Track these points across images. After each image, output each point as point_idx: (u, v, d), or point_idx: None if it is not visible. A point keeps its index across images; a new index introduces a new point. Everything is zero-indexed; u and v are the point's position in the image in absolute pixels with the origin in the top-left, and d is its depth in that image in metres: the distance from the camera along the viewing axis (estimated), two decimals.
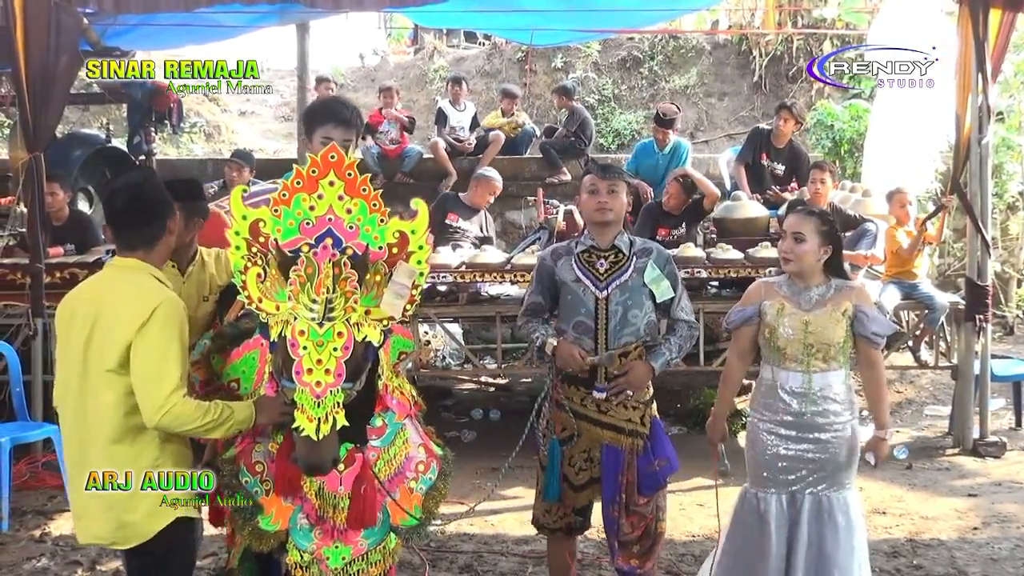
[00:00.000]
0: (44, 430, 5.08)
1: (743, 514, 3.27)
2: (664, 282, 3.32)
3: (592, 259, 3.32)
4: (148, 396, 2.52)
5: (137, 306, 2.56)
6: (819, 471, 3.17)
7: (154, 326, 2.54)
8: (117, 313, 2.57)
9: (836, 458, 3.16)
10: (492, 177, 6.67)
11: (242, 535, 2.77)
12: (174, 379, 2.53)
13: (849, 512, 3.17)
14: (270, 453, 2.70)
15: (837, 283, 3.23)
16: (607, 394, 3.27)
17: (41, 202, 5.50)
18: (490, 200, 6.61)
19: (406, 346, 2.89)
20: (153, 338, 2.54)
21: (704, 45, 12.68)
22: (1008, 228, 8.82)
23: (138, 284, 2.65)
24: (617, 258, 3.32)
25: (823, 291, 3.20)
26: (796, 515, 3.17)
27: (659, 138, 7.45)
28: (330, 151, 2.45)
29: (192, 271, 3.25)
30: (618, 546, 3.36)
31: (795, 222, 3.21)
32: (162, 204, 2.75)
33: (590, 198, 3.31)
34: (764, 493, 3.21)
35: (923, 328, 5.98)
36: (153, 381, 2.52)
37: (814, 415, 3.16)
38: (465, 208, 6.52)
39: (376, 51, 14.98)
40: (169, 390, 2.51)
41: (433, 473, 2.86)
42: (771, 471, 3.20)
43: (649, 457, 3.30)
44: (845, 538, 3.13)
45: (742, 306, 3.30)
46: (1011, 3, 5.51)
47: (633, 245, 3.37)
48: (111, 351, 2.55)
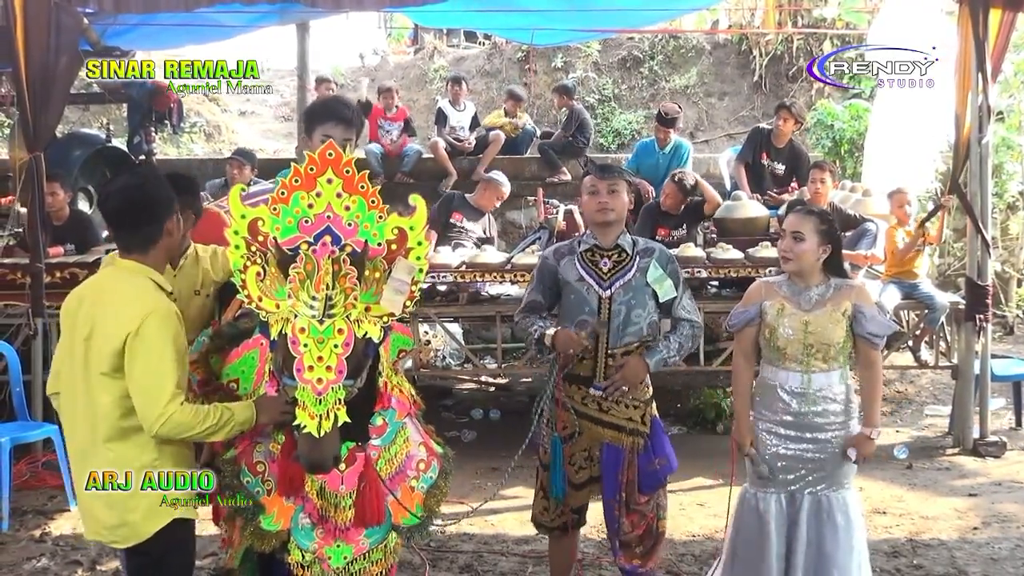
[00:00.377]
0: (44, 430, 5.08)
1: (743, 514, 3.27)
2: (667, 281, 3.32)
3: (595, 258, 3.33)
4: (146, 406, 2.51)
5: (128, 312, 2.54)
6: (818, 471, 3.17)
7: (146, 334, 2.52)
8: (109, 317, 2.57)
9: (835, 458, 3.17)
10: (501, 182, 6.71)
11: (244, 535, 2.76)
12: (170, 387, 2.52)
13: (848, 512, 3.17)
14: (271, 453, 2.70)
15: (837, 282, 3.23)
16: (605, 392, 3.27)
17: (41, 202, 5.50)
18: (496, 204, 6.64)
19: (406, 344, 2.89)
20: (146, 347, 2.52)
21: (704, 45, 12.68)
22: (1008, 228, 8.82)
23: (132, 289, 2.62)
24: (620, 257, 3.32)
25: (823, 291, 3.20)
26: (795, 515, 3.17)
27: (660, 137, 7.45)
28: (327, 148, 2.45)
29: (184, 264, 3.22)
30: (620, 545, 3.37)
31: (794, 221, 3.21)
32: (159, 206, 2.70)
33: (591, 199, 3.31)
34: (764, 493, 3.21)
35: (923, 328, 5.98)
36: (150, 391, 2.51)
37: (814, 415, 3.16)
38: (471, 209, 6.53)
39: (376, 51, 14.98)
40: (166, 399, 2.50)
41: (434, 472, 2.86)
42: (771, 471, 3.20)
43: (650, 456, 3.31)
44: (844, 538, 3.14)
45: (743, 307, 3.30)
46: (1011, 3, 5.51)
47: (636, 244, 3.37)
48: (104, 355, 2.55)
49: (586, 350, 3.24)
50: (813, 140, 9.05)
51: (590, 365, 3.31)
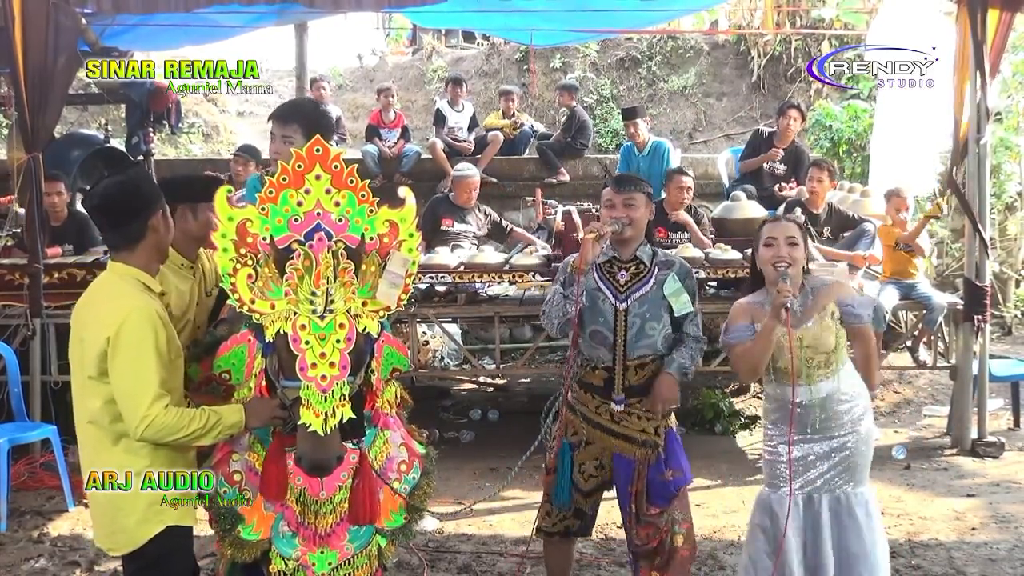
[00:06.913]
0: (42, 431, 5.07)
1: (759, 517, 3.22)
2: (684, 295, 3.30)
3: (613, 270, 3.31)
4: (129, 411, 2.49)
5: (109, 315, 2.52)
6: (835, 467, 3.14)
7: (125, 336, 2.49)
8: (92, 320, 2.56)
9: (852, 453, 3.14)
10: (467, 175, 6.47)
11: (223, 546, 2.72)
12: (151, 391, 2.48)
13: (868, 507, 3.14)
14: (248, 463, 2.68)
15: (812, 285, 3.18)
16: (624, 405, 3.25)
17: (39, 203, 5.49)
18: (474, 195, 6.45)
19: (401, 363, 2.81)
20: (126, 349, 2.49)
21: (703, 45, 12.69)
22: (1006, 228, 8.83)
23: (114, 292, 2.60)
24: (638, 269, 3.30)
25: (803, 299, 3.14)
26: (815, 518, 3.13)
27: (631, 132, 7.52)
28: (315, 144, 2.42)
29: (198, 267, 3.20)
30: (635, 558, 3.35)
31: (786, 228, 3.14)
32: (142, 204, 2.65)
33: (607, 213, 3.29)
34: (779, 494, 3.18)
35: (921, 328, 5.98)
36: (132, 396, 2.49)
37: (827, 419, 3.13)
38: (456, 209, 6.40)
39: (374, 51, 14.98)
40: (148, 402, 2.47)
41: (416, 472, 2.84)
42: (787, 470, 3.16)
43: (660, 467, 3.27)
44: (868, 534, 3.10)
45: (739, 322, 3.20)
46: (1009, 3, 5.52)
47: (655, 256, 3.35)
48: (90, 358, 2.54)
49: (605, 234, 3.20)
50: (811, 140, 9.06)
51: (603, 375, 3.29)
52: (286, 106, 3.41)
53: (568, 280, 3.29)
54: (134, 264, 2.66)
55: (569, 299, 3.23)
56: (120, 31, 6.56)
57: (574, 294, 3.20)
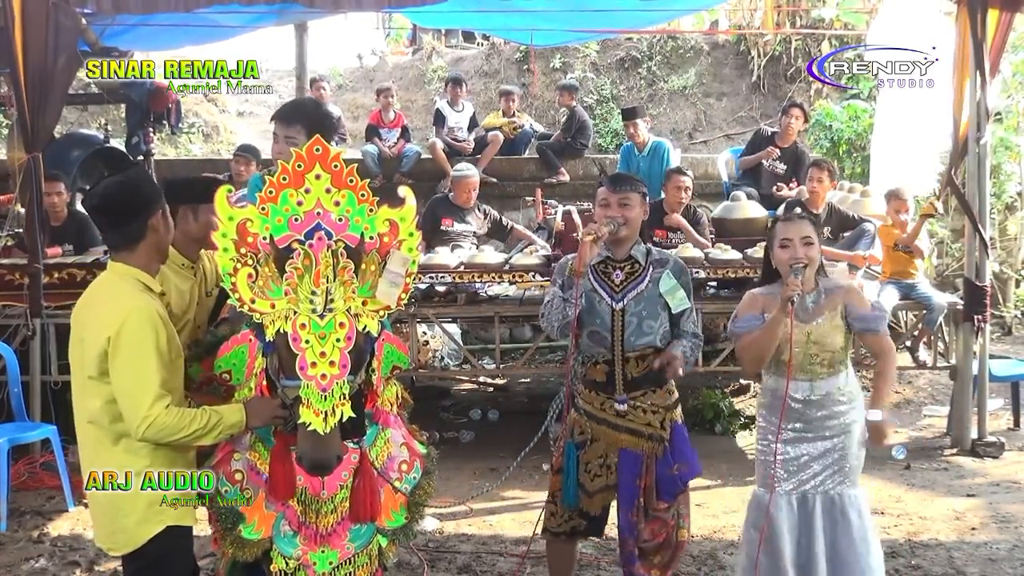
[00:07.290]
0: (42, 431, 5.07)
1: (754, 517, 3.24)
2: (680, 292, 3.30)
3: (608, 270, 3.31)
4: (130, 411, 2.49)
5: (108, 315, 2.52)
6: (829, 467, 3.15)
7: (126, 336, 2.49)
8: (92, 320, 2.56)
9: (846, 455, 3.15)
10: (467, 175, 6.47)
11: (224, 545, 2.73)
12: (152, 391, 2.48)
13: (860, 508, 3.16)
14: (249, 462, 2.68)
15: (825, 286, 3.21)
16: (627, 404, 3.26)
17: (39, 202, 5.50)
18: (473, 195, 6.45)
19: (401, 361, 2.83)
20: (127, 349, 2.49)
21: (703, 45, 12.68)
22: (1006, 228, 8.83)
23: (115, 292, 2.61)
24: (633, 268, 3.30)
25: (816, 297, 3.18)
26: (808, 518, 3.14)
27: (631, 132, 7.51)
28: (315, 144, 2.43)
29: (200, 267, 3.20)
30: (639, 554, 3.33)
31: (801, 227, 3.16)
32: (140, 203, 2.65)
33: (602, 212, 3.29)
34: (773, 494, 3.19)
35: (921, 328, 5.98)
36: (132, 396, 2.49)
37: (823, 418, 3.15)
38: (455, 209, 6.41)
39: (374, 51, 14.97)
40: (149, 402, 2.47)
41: (417, 472, 2.85)
42: (781, 470, 3.18)
43: (668, 461, 3.27)
44: (860, 536, 3.11)
45: (747, 312, 3.23)
46: (1009, 3, 5.52)
47: (650, 255, 3.35)
48: (90, 358, 2.54)
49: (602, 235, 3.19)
50: (811, 141, 9.06)
51: (604, 369, 3.29)
52: (289, 107, 3.42)
53: (566, 283, 3.28)
54: (134, 264, 2.66)
55: (568, 302, 3.23)
56: (120, 31, 6.56)
57: (572, 296, 3.20)
